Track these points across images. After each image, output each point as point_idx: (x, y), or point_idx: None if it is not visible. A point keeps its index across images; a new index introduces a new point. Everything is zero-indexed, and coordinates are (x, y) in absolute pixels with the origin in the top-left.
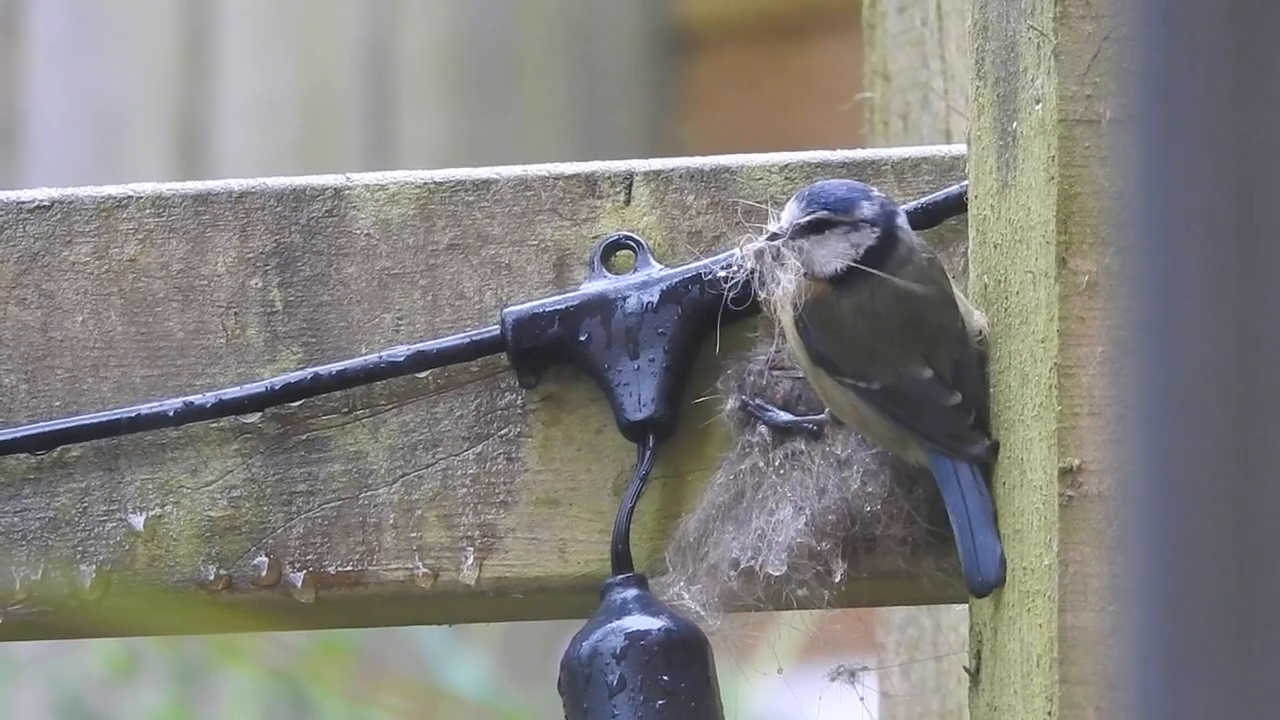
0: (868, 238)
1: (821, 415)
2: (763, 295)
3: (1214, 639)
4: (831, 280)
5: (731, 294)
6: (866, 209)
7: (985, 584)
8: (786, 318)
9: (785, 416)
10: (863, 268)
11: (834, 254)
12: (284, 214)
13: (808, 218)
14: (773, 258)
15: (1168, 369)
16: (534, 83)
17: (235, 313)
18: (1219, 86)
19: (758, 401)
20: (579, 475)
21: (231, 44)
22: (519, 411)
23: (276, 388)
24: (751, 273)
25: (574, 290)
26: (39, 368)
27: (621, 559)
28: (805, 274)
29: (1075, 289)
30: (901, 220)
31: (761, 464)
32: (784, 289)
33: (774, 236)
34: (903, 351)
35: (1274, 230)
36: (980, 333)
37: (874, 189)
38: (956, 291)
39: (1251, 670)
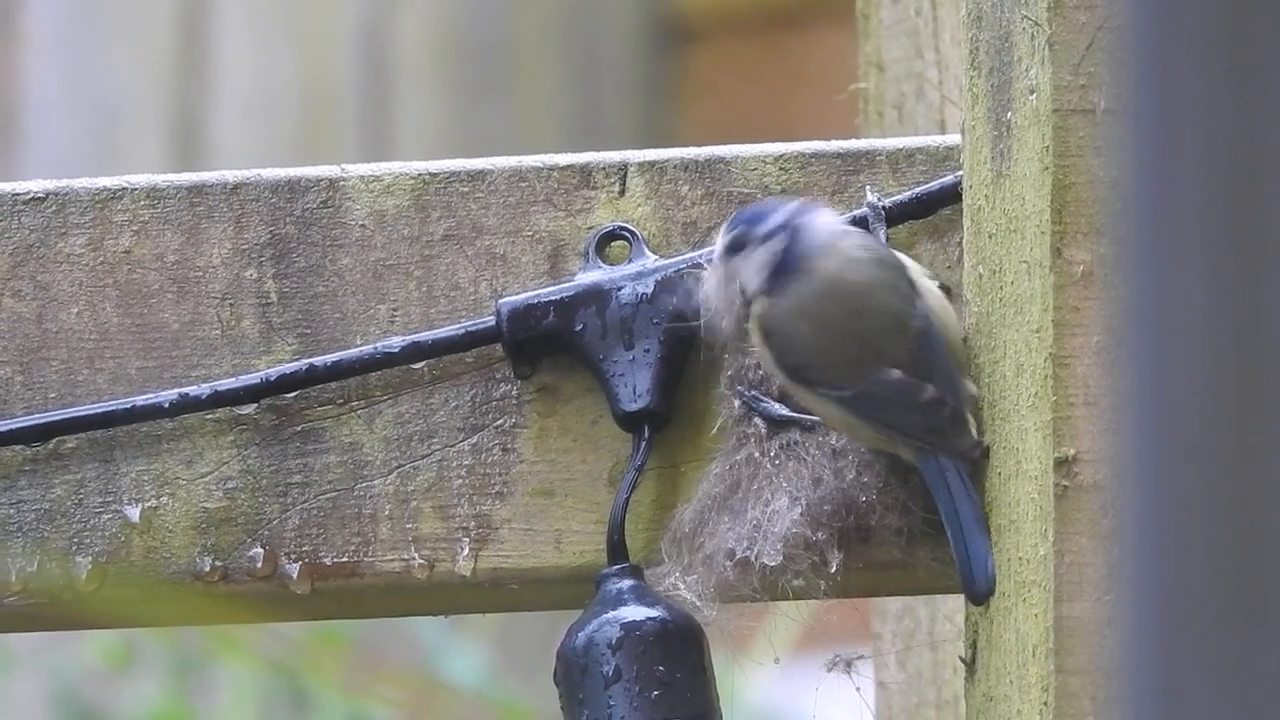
0: (779, 243)
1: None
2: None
3: (1209, 628)
4: (765, 292)
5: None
6: (776, 218)
7: (980, 593)
8: (755, 337)
9: (782, 410)
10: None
11: (756, 266)
12: (279, 205)
13: (727, 239)
14: (722, 285)
15: (1162, 358)
16: (530, 74)
17: (230, 304)
18: (1212, 75)
19: (754, 394)
20: (574, 466)
21: (227, 36)
22: (514, 402)
23: (272, 379)
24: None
25: (569, 281)
26: (34, 359)
27: (617, 550)
28: (743, 291)
29: (1070, 279)
30: (811, 219)
31: (757, 454)
32: (736, 312)
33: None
34: (860, 351)
35: (1268, 219)
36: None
37: (795, 201)
38: (920, 277)
39: (1246, 659)
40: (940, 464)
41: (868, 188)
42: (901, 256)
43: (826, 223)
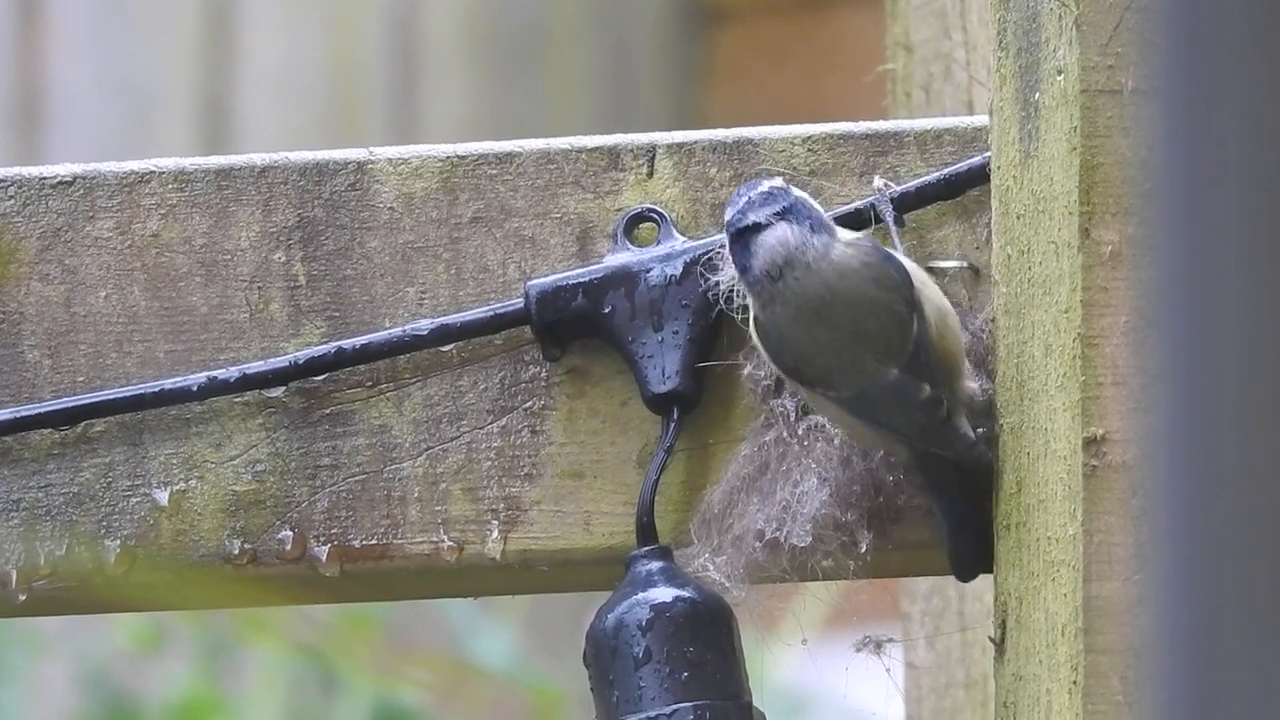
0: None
1: None
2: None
3: (1239, 607)
4: (765, 288)
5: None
6: (767, 210)
7: (967, 576)
8: (751, 331)
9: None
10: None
11: (747, 260)
12: (307, 188)
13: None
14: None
15: (1192, 338)
16: (560, 56)
17: (259, 287)
18: (1242, 54)
19: None
20: (604, 448)
21: (256, 18)
22: (543, 384)
23: (300, 362)
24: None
25: (597, 263)
26: (62, 343)
27: (646, 531)
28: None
29: (1098, 259)
30: (803, 215)
31: (785, 435)
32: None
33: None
34: (861, 360)
35: None
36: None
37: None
38: (923, 282)
39: (1277, 639)
40: (936, 469)
41: (876, 175)
42: (904, 259)
43: (820, 220)
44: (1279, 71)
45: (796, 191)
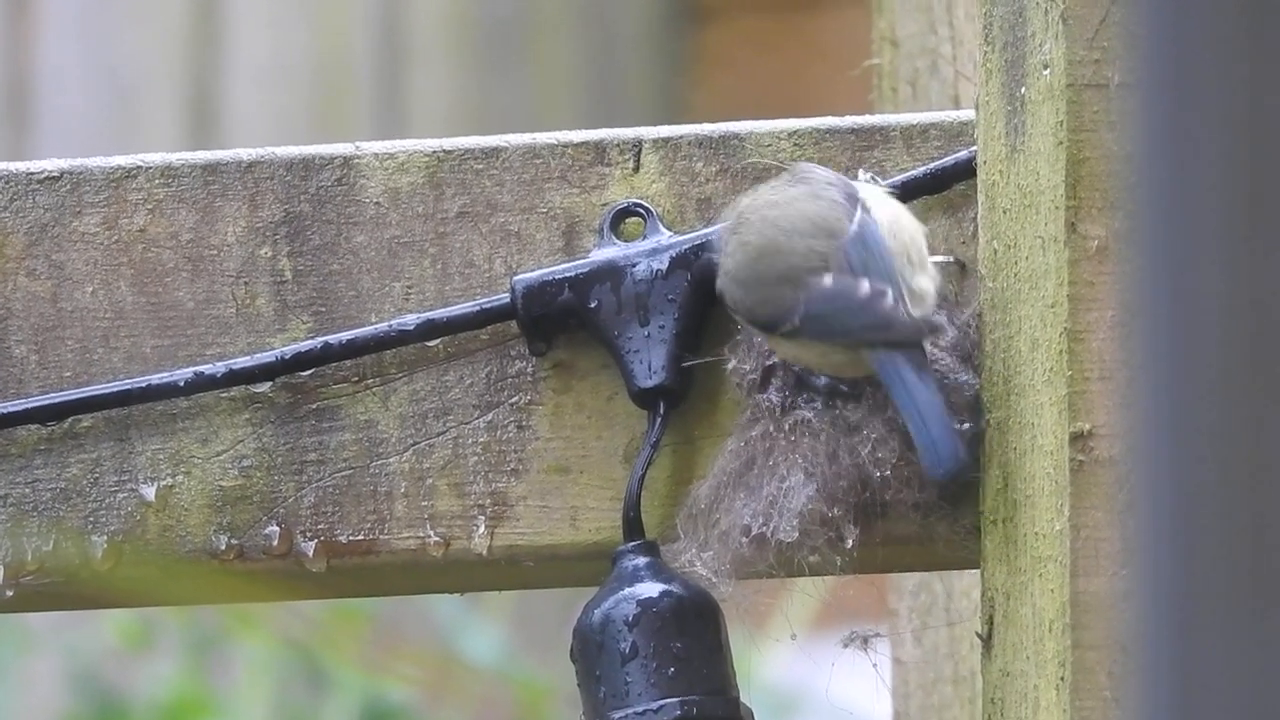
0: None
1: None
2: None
3: (1226, 602)
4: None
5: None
6: None
7: (946, 473)
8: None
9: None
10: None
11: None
12: (293, 183)
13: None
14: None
15: (1178, 332)
16: (547, 49)
17: (245, 282)
18: (1228, 48)
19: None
20: (590, 443)
21: (243, 10)
22: (529, 379)
23: (287, 357)
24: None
25: (584, 258)
26: (49, 339)
27: (633, 526)
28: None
29: (1085, 254)
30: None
31: (772, 429)
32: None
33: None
34: (794, 266)
35: None
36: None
37: None
38: (880, 199)
39: (1264, 633)
40: (893, 360)
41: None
42: (860, 185)
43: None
44: (1262, 64)
45: None
